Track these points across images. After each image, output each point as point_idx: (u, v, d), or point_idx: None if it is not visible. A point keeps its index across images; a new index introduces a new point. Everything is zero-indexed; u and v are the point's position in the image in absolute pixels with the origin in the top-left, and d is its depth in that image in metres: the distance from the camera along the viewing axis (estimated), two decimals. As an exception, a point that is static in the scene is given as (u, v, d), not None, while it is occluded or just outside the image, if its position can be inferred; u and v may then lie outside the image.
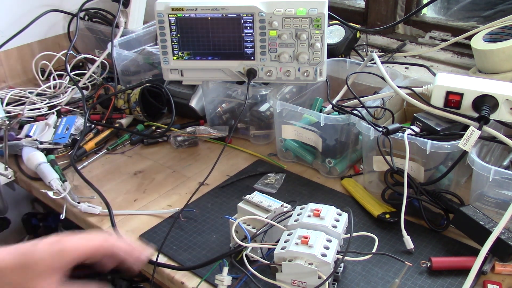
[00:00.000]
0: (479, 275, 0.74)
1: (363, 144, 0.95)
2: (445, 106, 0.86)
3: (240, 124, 1.13)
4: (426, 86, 0.90)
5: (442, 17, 1.34)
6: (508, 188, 0.78)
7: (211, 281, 0.75)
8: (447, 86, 0.86)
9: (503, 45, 0.96)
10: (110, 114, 1.21)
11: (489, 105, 0.82)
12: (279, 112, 1.00)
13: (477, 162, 0.78)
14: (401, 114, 1.04)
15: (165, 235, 0.84)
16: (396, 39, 1.36)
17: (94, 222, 0.91)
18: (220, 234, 0.85)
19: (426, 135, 0.86)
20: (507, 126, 0.85)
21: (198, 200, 0.94)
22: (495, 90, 0.83)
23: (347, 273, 0.76)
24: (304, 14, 0.97)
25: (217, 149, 1.11)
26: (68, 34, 1.51)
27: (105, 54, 1.33)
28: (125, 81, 1.33)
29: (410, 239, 0.79)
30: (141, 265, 0.62)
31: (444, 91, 0.85)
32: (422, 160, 0.87)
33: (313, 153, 1.03)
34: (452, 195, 0.84)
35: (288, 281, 0.69)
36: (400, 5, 1.35)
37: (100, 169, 1.07)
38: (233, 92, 1.14)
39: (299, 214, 0.75)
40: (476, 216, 0.77)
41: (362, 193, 0.93)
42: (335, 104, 0.98)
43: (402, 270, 0.70)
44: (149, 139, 1.16)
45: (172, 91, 1.20)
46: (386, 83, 0.96)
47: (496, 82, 0.85)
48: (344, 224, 0.74)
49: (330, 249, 0.68)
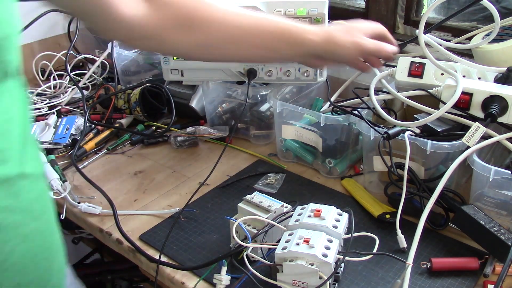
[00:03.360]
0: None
1: (363, 144, 0.95)
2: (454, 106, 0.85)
3: (240, 124, 1.13)
4: (436, 88, 0.90)
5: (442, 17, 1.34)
6: (508, 188, 0.78)
7: (210, 281, 0.75)
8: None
9: (503, 45, 0.96)
10: (110, 114, 1.21)
11: (498, 105, 0.81)
12: (279, 112, 1.00)
13: (477, 162, 0.78)
14: (402, 114, 1.04)
15: (166, 235, 0.84)
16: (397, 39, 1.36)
17: (95, 222, 0.91)
18: (221, 234, 0.86)
19: (427, 136, 0.86)
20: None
21: (198, 200, 0.95)
22: (505, 92, 0.82)
23: (347, 273, 0.76)
24: (304, 14, 0.97)
25: (218, 149, 1.11)
26: (68, 34, 1.51)
27: (105, 54, 1.33)
28: (125, 81, 1.33)
29: (403, 238, 0.79)
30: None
31: (453, 91, 0.85)
32: (422, 160, 0.87)
33: (313, 153, 1.03)
34: (454, 194, 0.84)
35: (289, 281, 0.69)
36: (400, 5, 1.35)
37: (100, 169, 1.07)
38: (233, 92, 1.14)
39: (299, 214, 0.75)
40: (477, 216, 0.77)
41: (362, 193, 0.93)
42: (335, 105, 0.98)
43: (404, 271, 0.70)
44: (149, 139, 1.16)
45: (172, 91, 1.20)
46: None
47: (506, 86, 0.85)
48: (344, 224, 0.74)
49: (331, 249, 0.68)
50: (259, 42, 0.80)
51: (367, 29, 0.86)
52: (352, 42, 0.82)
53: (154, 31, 0.74)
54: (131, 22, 0.71)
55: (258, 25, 0.80)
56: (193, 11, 0.75)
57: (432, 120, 0.85)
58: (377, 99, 0.92)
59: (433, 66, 0.93)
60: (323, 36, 0.81)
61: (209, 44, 0.78)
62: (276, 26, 0.80)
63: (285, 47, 0.81)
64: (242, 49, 0.80)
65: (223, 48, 0.80)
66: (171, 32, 0.75)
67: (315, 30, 0.81)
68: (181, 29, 0.75)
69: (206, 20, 0.76)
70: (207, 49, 0.79)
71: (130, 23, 0.71)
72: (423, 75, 0.93)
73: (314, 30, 0.81)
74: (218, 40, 0.78)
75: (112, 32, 0.75)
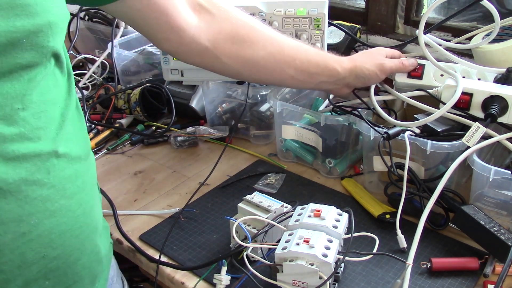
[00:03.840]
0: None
1: (363, 144, 0.95)
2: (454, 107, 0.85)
3: (240, 124, 1.13)
4: (436, 88, 0.90)
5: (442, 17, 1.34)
6: (508, 188, 0.78)
7: (210, 281, 0.75)
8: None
9: (503, 45, 0.96)
10: (110, 114, 1.21)
11: (498, 105, 0.81)
12: (279, 112, 1.00)
13: (477, 162, 0.78)
14: (402, 114, 1.04)
15: (166, 235, 0.84)
16: (396, 39, 1.36)
17: (95, 222, 0.91)
18: (221, 234, 0.86)
19: (427, 136, 0.86)
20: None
21: (198, 200, 0.95)
22: (505, 92, 0.82)
23: (347, 273, 0.76)
24: (304, 14, 0.97)
25: (218, 149, 1.11)
26: (68, 34, 1.50)
27: (105, 54, 1.33)
28: (125, 81, 1.33)
29: (403, 238, 0.79)
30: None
31: (453, 91, 0.85)
32: (422, 160, 0.87)
33: (313, 153, 1.03)
34: (454, 194, 0.84)
35: (289, 281, 0.69)
36: (400, 5, 1.35)
37: (100, 169, 1.07)
38: (233, 92, 1.14)
39: (299, 215, 0.75)
40: (477, 216, 0.77)
41: (362, 193, 0.93)
42: (335, 105, 0.98)
43: (404, 271, 0.70)
44: (149, 139, 1.16)
45: (172, 91, 1.20)
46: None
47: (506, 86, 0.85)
48: (344, 224, 0.74)
49: (331, 249, 0.68)
50: (300, 65, 0.85)
51: (385, 52, 0.95)
52: (376, 64, 0.90)
53: (208, 44, 0.79)
54: (187, 34, 0.77)
55: (300, 49, 0.86)
56: (242, 28, 0.81)
57: (432, 120, 0.85)
58: (377, 100, 0.93)
59: (432, 67, 0.93)
60: (351, 65, 0.89)
61: (256, 61, 0.83)
62: (316, 53, 0.87)
63: (322, 74, 0.87)
64: (283, 70, 0.85)
65: (268, 67, 0.85)
66: (224, 46, 0.80)
67: (343, 60, 0.90)
68: (232, 44, 0.81)
69: (255, 37, 0.82)
70: (254, 66, 0.84)
71: (187, 35, 0.77)
72: (422, 76, 0.94)
73: (343, 60, 0.89)
74: (264, 59, 0.83)
75: (167, 42, 0.79)
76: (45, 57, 0.53)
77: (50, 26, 0.52)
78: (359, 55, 0.94)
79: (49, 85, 0.55)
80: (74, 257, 0.60)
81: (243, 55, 0.82)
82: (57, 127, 0.56)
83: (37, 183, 0.53)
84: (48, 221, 0.55)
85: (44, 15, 0.51)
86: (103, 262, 0.68)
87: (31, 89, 0.53)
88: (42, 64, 0.53)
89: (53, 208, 0.55)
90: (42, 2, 0.51)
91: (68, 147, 0.57)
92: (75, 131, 0.61)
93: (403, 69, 0.93)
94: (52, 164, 0.55)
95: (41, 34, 0.51)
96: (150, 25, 0.76)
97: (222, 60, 0.82)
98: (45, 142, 0.54)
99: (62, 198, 0.56)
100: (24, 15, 0.49)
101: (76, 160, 0.59)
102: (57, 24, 0.53)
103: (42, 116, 0.54)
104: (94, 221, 0.64)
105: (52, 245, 0.56)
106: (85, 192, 0.61)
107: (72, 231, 0.58)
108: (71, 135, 0.59)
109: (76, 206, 0.59)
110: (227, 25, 0.80)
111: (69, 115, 0.59)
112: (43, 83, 0.54)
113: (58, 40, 0.55)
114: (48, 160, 0.54)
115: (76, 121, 0.62)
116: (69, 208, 0.58)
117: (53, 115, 0.56)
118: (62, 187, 0.56)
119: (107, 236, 0.73)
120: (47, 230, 0.55)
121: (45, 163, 0.54)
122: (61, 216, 0.56)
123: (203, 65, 0.85)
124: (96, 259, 0.65)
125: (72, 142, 0.59)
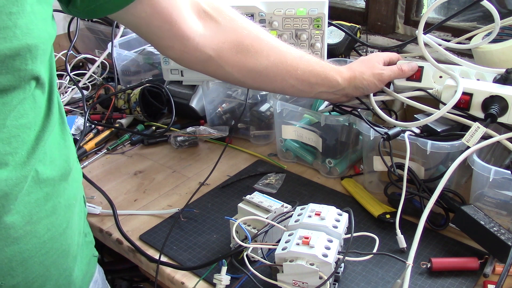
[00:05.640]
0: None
1: (363, 144, 0.95)
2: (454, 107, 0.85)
3: (240, 124, 1.13)
4: (436, 89, 0.90)
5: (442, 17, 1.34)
6: (508, 188, 0.78)
7: (210, 281, 0.75)
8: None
9: (503, 45, 0.96)
10: (110, 114, 1.21)
11: (498, 105, 0.81)
12: (279, 112, 1.00)
13: (477, 162, 0.78)
14: (402, 114, 1.04)
15: (166, 235, 0.84)
16: (397, 39, 1.36)
17: (94, 222, 0.91)
18: (221, 234, 0.86)
19: (427, 136, 0.86)
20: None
21: (198, 200, 0.95)
22: (505, 92, 0.82)
23: (347, 273, 0.76)
24: (304, 14, 0.97)
25: (218, 149, 1.11)
26: (68, 34, 1.51)
27: (105, 54, 1.33)
28: (125, 81, 1.33)
29: (403, 238, 0.79)
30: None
31: (453, 91, 0.85)
32: (422, 160, 0.87)
33: (313, 153, 1.03)
34: (454, 194, 0.84)
35: (289, 281, 0.69)
36: (400, 5, 1.36)
37: (100, 169, 1.07)
38: (233, 92, 1.14)
39: (299, 215, 0.75)
40: (477, 216, 0.77)
41: (362, 193, 0.93)
42: (335, 105, 0.98)
43: (404, 271, 0.70)
44: (149, 139, 1.16)
45: (172, 91, 1.20)
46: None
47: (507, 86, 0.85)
48: (344, 224, 0.74)
49: (331, 249, 0.68)
50: (301, 75, 0.85)
51: (383, 58, 0.95)
52: (374, 74, 0.91)
53: (212, 53, 0.79)
54: (191, 42, 0.76)
55: (302, 59, 0.86)
56: (246, 37, 0.81)
57: (432, 120, 0.85)
58: (376, 100, 0.93)
59: (431, 69, 0.93)
60: (350, 76, 0.89)
61: (259, 71, 0.83)
62: (317, 64, 0.88)
63: (322, 85, 0.88)
64: (285, 79, 0.85)
65: (270, 76, 0.85)
66: (228, 56, 0.80)
67: (343, 71, 0.90)
68: (236, 54, 0.80)
69: (259, 47, 0.82)
70: (257, 75, 0.84)
71: (191, 43, 0.77)
72: (421, 79, 0.93)
73: (343, 71, 0.90)
74: (267, 69, 0.83)
75: (171, 50, 0.79)
76: (23, 80, 0.51)
77: (29, 49, 0.49)
78: (357, 64, 0.93)
79: (25, 109, 0.52)
80: (37, 284, 0.58)
81: (247, 65, 0.82)
82: (29, 151, 0.53)
83: (1, 210, 0.51)
84: (9, 248, 0.53)
85: (23, 39, 0.48)
86: (75, 284, 0.65)
87: (5, 114, 0.50)
88: (20, 88, 0.51)
89: (16, 235, 0.53)
90: (22, 25, 0.48)
91: (41, 170, 0.55)
92: (53, 152, 0.58)
93: (402, 75, 0.93)
94: (19, 189, 0.53)
95: (18, 57, 0.49)
96: (153, 32, 0.75)
97: (225, 69, 0.81)
98: (12, 168, 0.51)
99: (27, 224, 0.54)
100: (1, 38, 0.47)
101: (48, 183, 0.57)
102: (38, 46, 0.50)
103: (13, 141, 0.51)
104: (65, 244, 0.61)
105: (12, 273, 0.54)
106: (56, 215, 0.59)
107: (36, 258, 0.56)
108: (46, 157, 0.56)
109: (43, 231, 0.57)
110: (232, 34, 0.80)
111: (46, 136, 0.56)
112: (19, 107, 0.51)
113: (39, 62, 0.52)
114: (17, 186, 0.52)
115: (57, 140, 0.60)
116: (34, 234, 0.56)
117: (26, 139, 0.53)
118: (28, 212, 0.54)
119: (87, 253, 0.71)
120: (7, 258, 0.53)
121: (12, 189, 0.52)
122: (24, 243, 0.54)
123: (206, 72, 0.84)
124: (65, 283, 0.63)
125: (46, 164, 0.56)
